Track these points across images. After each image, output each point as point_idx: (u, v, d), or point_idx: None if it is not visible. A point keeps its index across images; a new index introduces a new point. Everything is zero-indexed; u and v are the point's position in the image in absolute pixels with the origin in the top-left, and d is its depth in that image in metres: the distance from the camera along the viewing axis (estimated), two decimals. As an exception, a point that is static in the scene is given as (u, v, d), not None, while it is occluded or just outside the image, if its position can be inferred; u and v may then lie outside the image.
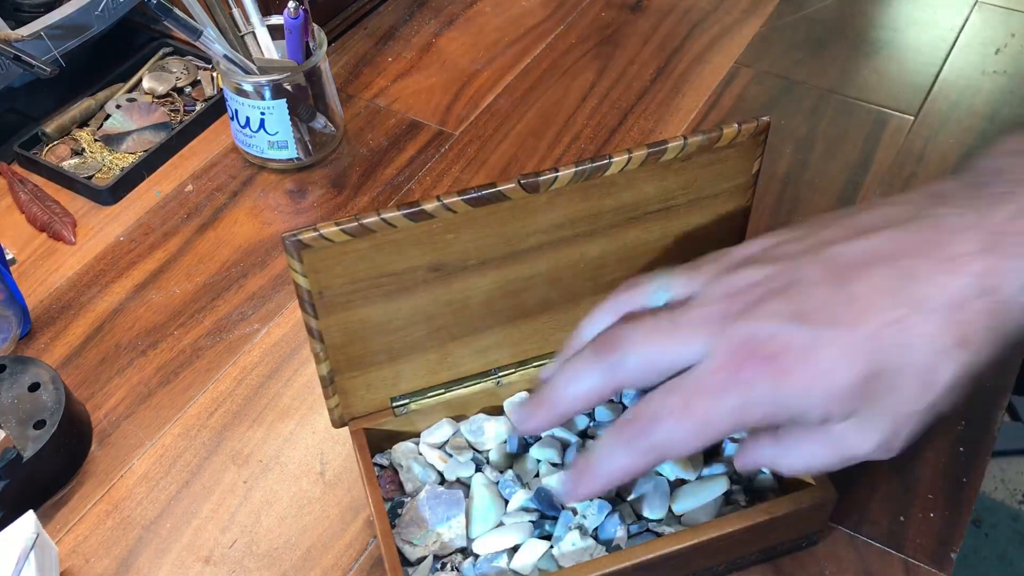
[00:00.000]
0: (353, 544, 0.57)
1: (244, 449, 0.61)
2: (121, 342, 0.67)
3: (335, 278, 0.48)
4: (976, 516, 1.47)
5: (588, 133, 0.81)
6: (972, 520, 1.42)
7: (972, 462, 0.58)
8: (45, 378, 0.60)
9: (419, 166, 0.79)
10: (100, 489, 0.60)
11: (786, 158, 0.78)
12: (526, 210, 0.49)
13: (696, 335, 0.41)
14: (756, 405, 0.40)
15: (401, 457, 0.56)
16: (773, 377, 0.39)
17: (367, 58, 0.89)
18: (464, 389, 0.57)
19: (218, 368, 0.65)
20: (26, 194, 0.77)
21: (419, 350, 0.54)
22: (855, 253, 0.41)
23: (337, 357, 0.52)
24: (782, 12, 0.92)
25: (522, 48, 0.89)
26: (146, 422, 0.63)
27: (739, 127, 0.50)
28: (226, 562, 0.56)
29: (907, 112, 0.81)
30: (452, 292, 0.52)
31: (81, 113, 0.82)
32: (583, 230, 0.52)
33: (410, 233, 0.48)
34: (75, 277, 0.71)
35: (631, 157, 0.49)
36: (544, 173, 0.48)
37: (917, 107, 0.82)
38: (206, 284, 0.71)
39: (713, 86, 0.84)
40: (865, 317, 0.39)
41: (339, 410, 0.55)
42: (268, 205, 0.76)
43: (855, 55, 0.87)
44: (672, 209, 0.53)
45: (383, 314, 0.51)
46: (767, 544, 0.53)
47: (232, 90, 0.74)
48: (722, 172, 0.52)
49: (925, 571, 0.54)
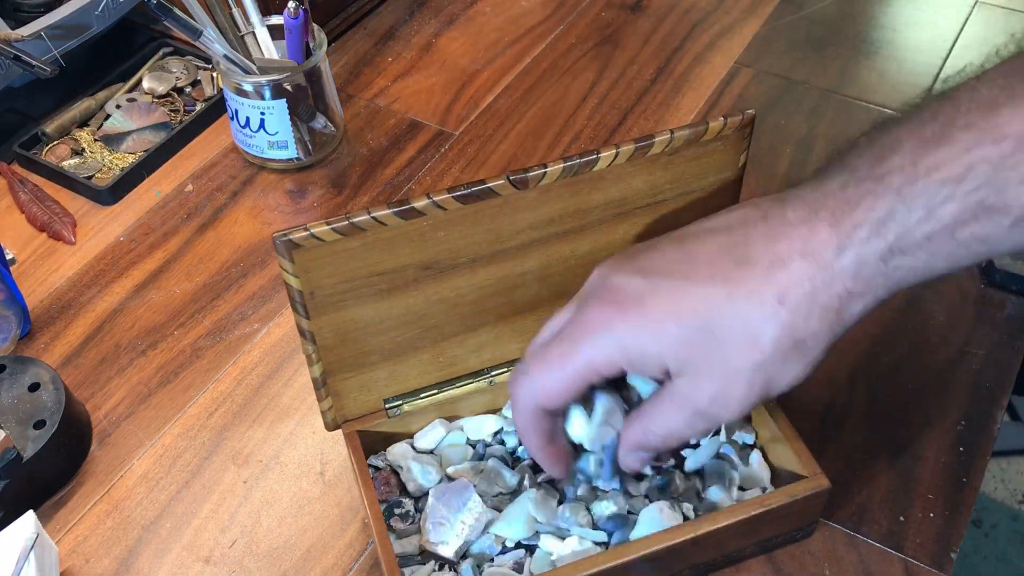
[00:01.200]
0: (353, 544, 0.57)
1: (244, 449, 0.61)
2: (121, 342, 0.67)
3: (326, 278, 0.48)
4: (976, 516, 1.46)
5: (588, 133, 0.81)
6: (972, 520, 1.42)
7: (972, 462, 0.58)
8: (45, 378, 0.60)
9: (419, 166, 0.79)
10: (100, 489, 0.60)
11: (786, 158, 0.78)
12: (516, 207, 0.49)
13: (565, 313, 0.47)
14: (602, 346, 0.43)
15: (399, 458, 0.56)
16: (612, 317, 0.43)
17: (367, 58, 0.89)
18: (457, 389, 0.57)
19: (218, 368, 0.66)
20: (26, 194, 0.77)
21: (412, 350, 0.54)
22: (706, 226, 0.45)
23: (329, 358, 0.52)
24: (782, 12, 0.92)
25: (522, 48, 0.89)
26: (146, 422, 0.63)
27: (725, 121, 0.50)
28: (226, 562, 0.56)
29: (907, 112, 0.81)
30: (443, 291, 0.52)
31: (81, 113, 0.82)
32: (573, 226, 0.52)
33: (401, 231, 0.48)
34: (75, 277, 0.71)
35: (619, 152, 0.49)
36: (533, 169, 0.48)
37: (917, 107, 0.82)
38: (206, 284, 0.71)
39: (713, 86, 0.84)
40: (696, 271, 0.43)
41: (332, 412, 0.55)
42: (268, 205, 0.76)
43: (855, 55, 0.87)
44: (660, 203, 0.53)
45: (375, 314, 0.51)
46: (763, 536, 0.53)
47: (232, 90, 0.74)
48: (709, 166, 0.52)
49: (925, 571, 0.54)
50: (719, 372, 0.42)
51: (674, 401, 0.44)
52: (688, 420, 0.44)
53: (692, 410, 0.44)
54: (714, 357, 0.42)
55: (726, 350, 0.42)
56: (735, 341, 0.42)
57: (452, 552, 0.52)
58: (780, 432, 0.53)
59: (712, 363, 0.42)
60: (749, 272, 0.41)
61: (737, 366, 0.42)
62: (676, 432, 0.45)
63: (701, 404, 0.43)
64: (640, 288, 0.43)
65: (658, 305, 0.42)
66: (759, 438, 0.56)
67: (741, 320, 0.41)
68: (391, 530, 0.54)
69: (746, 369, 0.42)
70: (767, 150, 0.79)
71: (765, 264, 0.41)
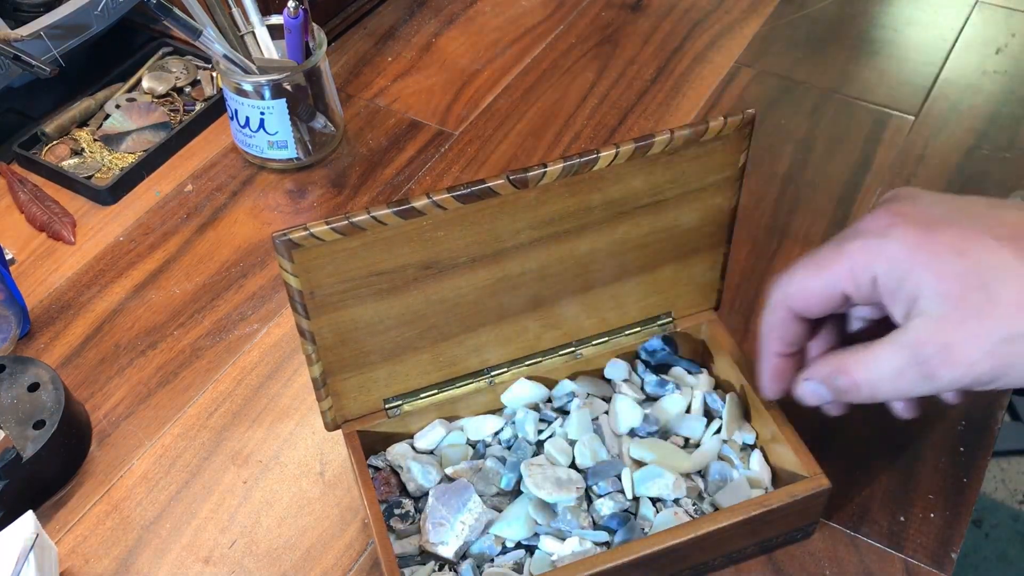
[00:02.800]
0: (353, 544, 0.56)
1: (244, 449, 0.61)
2: (121, 342, 0.67)
3: (326, 277, 0.48)
4: (976, 516, 1.46)
5: (588, 133, 0.81)
6: (972, 520, 1.42)
7: (972, 462, 0.58)
8: (45, 378, 0.60)
9: (419, 166, 0.79)
10: (100, 489, 0.60)
11: (786, 158, 0.78)
12: (516, 206, 0.49)
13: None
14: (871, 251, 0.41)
15: (399, 458, 0.56)
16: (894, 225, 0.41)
17: (367, 58, 0.89)
18: (457, 389, 0.57)
19: (218, 368, 0.65)
20: (26, 194, 0.77)
21: (411, 350, 0.54)
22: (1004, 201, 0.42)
23: (329, 358, 0.52)
24: (782, 12, 0.92)
25: (522, 48, 0.89)
26: (146, 422, 0.63)
27: (725, 120, 0.50)
28: (226, 562, 0.56)
29: (907, 112, 0.81)
30: (443, 290, 0.52)
31: (81, 113, 0.82)
32: (573, 226, 0.52)
33: (401, 231, 0.48)
34: (75, 277, 0.71)
35: (619, 151, 0.49)
36: (533, 169, 0.48)
37: (917, 107, 0.82)
38: (206, 284, 0.71)
39: (713, 86, 0.84)
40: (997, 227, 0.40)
41: (332, 412, 0.54)
42: (268, 205, 0.76)
43: (855, 55, 0.87)
44: (660, 203, 0.53)
45: (375, 314, 0.51)
46: (763, 536, 0.53)
47: (232, 90, 0.74)
48: (709, 165, 0.52)
49: (925, 571, 0.54)
50: (971, 325, 0.39)
51: (898, 343, 0.41)
52: (900, 369, 0.41)
53: (913, 356, 0.41)
54: (973, 305, 0.39)
55: (990, 304, 0.39)
56: (1005, 301, 0.39)
57: (452, 552, 0.52)
58: (780, 432, 0.53)
59: (967, 311, 0.39)
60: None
61: (991, 326, 0.39)
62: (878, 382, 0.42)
63: (928, 351, 0.40)
64: (936, 213, 0.41)
65: (947, 235, 0.40)
66: (759, 438, 0.56)
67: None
68: (391, 530, 0.54)
69: (999, 335, 0.39)
70: (767, 150, 0.79)
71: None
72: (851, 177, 0.76)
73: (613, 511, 0.53)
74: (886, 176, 0.76)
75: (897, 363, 0.41)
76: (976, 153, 0.78)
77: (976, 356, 0.39)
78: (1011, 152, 0.78)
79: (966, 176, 0.76)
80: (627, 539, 0.51)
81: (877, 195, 0.74)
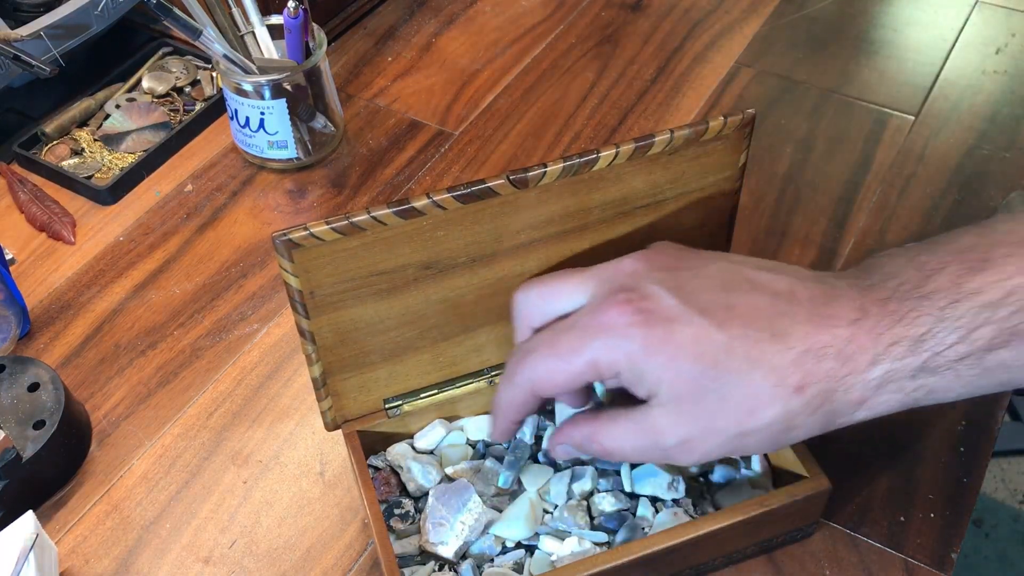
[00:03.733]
0: (353, 544, 0.56)
1: (244, 449, 0.61)
2: (120, 342, 0.67)
3: (326, 277, 0.48)
4: (977, 516, 1.47)
5: (588, 133, 0.81)
6: (972, 520, 1.42)
7: (972, 462, 0.58)
8: (44, 378, 0.60)
9: (419, 166, 0.79)
10: (100, 489, 0.60)
11: (786, 158, 0.78)
12: (516, 206, 0.49)
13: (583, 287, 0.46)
14: (612, 350, 0.43)
15: (399, 459, 0.56)
16: (634, 327, 0.42)
17: (367, 58, 0.89)
18: (457, 389, 0.57)
19: (218, 368, 0.65)
20: (26, 194, 0.77)
21: (411, 350, 0.54)
22: (751, 277, 0.44)
23: (329, 358, 0.52)
24: (782, 12, 0.92)
25: (522, 48, 0.89)
26: (145, 422, 0.63)
27: (725, 120, 0.50)
28: (226, 562, 0.56)
29: (907, 112, 0.81)
30: (443, 290, 0.52)
31: (80, 113, 0.82)
32: (572, 226, 0.52)
33: (401, 231, 0.48)
34: (74, 277, 0.71)
35: (619, 151, 0.49)
36: (533, 169, 0.48)
37: (917, 107, 0.82)
38: (206, 284, 0.71)
39: (713, 86, 0.84)
40: (731, 322, 0.42)
41: (332, 412, 0.54)
42: (268, 205, 0.76)
43: (855, 55, 0.87)
44: (660, 203, 0.53)
45: (375, 314, 0.51)
46: (763, 537, 0.53)
47: (232, 90, 0.74)
48: (709, 165, 0.52)
49: (925, 571, 0.54)
50: (704, 423, 0.42)
51: (640, 426, 0.44)
52: (642, 449, 0.44)
53: (654, 442, 0.44)
54: (707, 408, 0.42)
55: (722, 407, 0.42)
56: (736, 404, 0.42)
57: (452, 552, 0.52)
58: (780, 432, 0.53)
59: (701, 412, 0.42)
60: (782, 348, 0.41)
61: (723, 426, 0.42)
62: (622, 453, 0.45)
63: (667, 442, 0.43)
64: (672, 311, 0.43)
65: (683, 337, 0.42)
66: (759, 438, 0.56)
67: (753, 390, 0.42)
68: (391, 530, 0.54)
69: (730, 432, 0.42)
70: (767, 150, 0.79)
71: (801, 348, 0.41)
72: (851, 177, 0.76)
73: (614, 508, 0.53)
74: (886, 176, 0.76)
75: (640, 444, 0.44)
76: (976, 153, 0.78)
77: (710, 448, 0.43)
78: (1011, 152, 0.78)
79: (966, 176, 0.76)
80: (627, 539, 0.51)
81: (877, 195, 0.75)
